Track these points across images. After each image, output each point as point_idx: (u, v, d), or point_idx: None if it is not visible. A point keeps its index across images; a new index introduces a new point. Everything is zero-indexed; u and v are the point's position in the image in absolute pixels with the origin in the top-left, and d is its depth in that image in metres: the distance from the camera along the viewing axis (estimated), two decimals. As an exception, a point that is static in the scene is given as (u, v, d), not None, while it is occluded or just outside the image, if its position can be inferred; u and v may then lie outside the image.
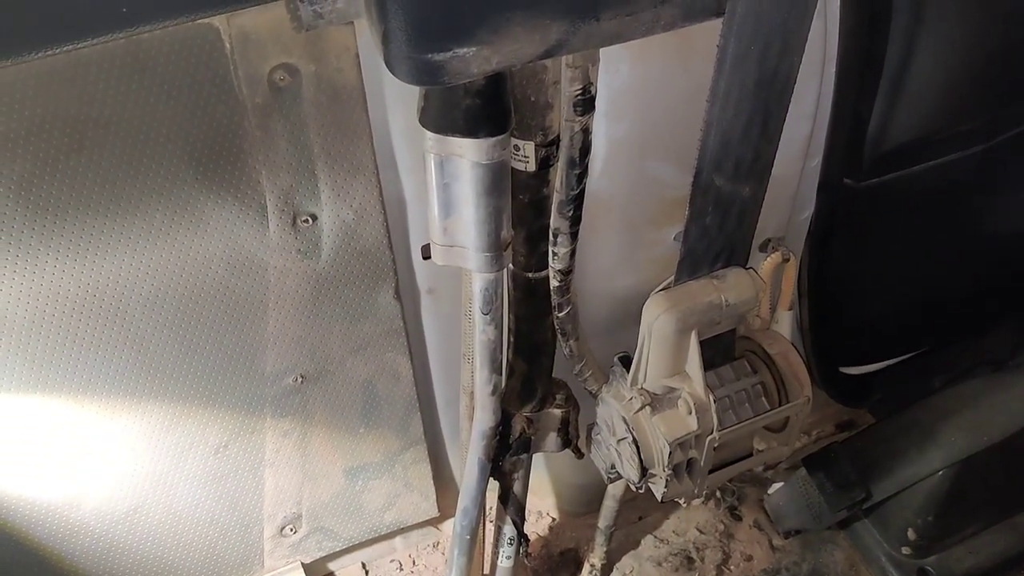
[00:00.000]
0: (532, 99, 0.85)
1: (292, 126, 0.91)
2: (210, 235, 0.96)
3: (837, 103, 1.07)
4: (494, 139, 0.80)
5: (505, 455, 1.22)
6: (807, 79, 1.02)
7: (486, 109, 0.76)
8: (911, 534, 1.47)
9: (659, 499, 1.18)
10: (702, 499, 1.62)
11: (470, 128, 0.77)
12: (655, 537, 1.60)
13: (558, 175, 0.91)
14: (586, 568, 1.55)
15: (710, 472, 1.22)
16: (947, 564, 1.50)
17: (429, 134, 0.82)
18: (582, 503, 1.60)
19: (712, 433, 1.11)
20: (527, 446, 1.22)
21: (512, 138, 0.88)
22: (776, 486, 1.62)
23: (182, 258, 0.97)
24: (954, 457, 1.39)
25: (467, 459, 1.21)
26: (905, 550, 1.49)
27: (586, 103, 0.83)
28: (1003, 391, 1.39)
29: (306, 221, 0.99)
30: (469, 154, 0.82)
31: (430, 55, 0.67)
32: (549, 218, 0.96)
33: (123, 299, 0.99)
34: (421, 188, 0.90)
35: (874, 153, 1.13)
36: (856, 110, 1.08)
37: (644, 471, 1.15)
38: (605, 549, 1.52)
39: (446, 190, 0.88)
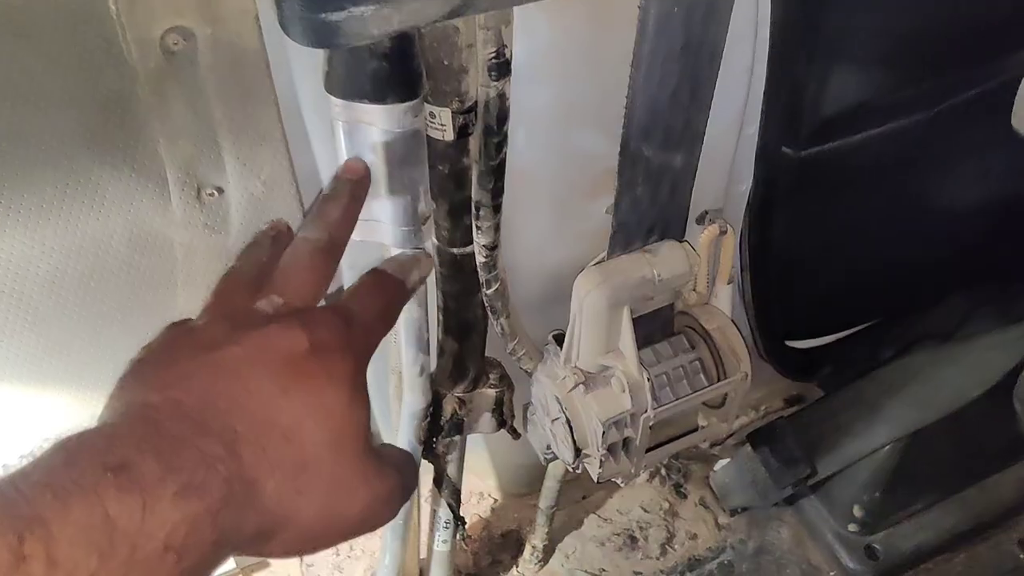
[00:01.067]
0: (445, 63, 0.80)
1: (189, 93, 0.84)
2: (108, 209, 0.90)
3: (772, 68, 1.02)
4: (405, 105, 0.75)
5: (437, 437, 1.18)
6: (739, 42, 0.97)
7: (394, 72, 0.71)
8: (857, 511, 1.46)
9: (595, 480, 1.15)
10: (641, 478, 1.61)
11: (378, 93, 0.72)
12: (598, 516, 1.57)
13: (476, 144, 0.86)
14: (528, 549, 1.51)
15: (649, 450, 1.19)
16: (894, 541, 1.48)
17: (336, 100, 0.77)
18: (524, 483, 1.57)
19: (647, 412, 1.08)
20: (460, 428, 1.18)
21: (427, 104, 0.82)
22: (722, 463, 1.60)
23: (79, 235, 0.91)
24: (900, 432, 1.37)
25: (397, 443, 1.17)
26: (852, 527, 1.48)
27: (501, 67, 0.78)
28: (949, 365, 1.37)
29: (211, 194, 0.93)
30: (379, 121, 0.77)
31: (324, 15, 0.61)
32: (471, 190, 0.91)
33: (19, 280, 0.93)
34: (334, 159, 0.85)
35: (813, 121, 1.09)
36: (793, 75, 1.04)
37: (578, 451, 1.12)
38: (547, 530, 1.48)
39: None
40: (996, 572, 1.48)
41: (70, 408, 1.08)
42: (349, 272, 1.12)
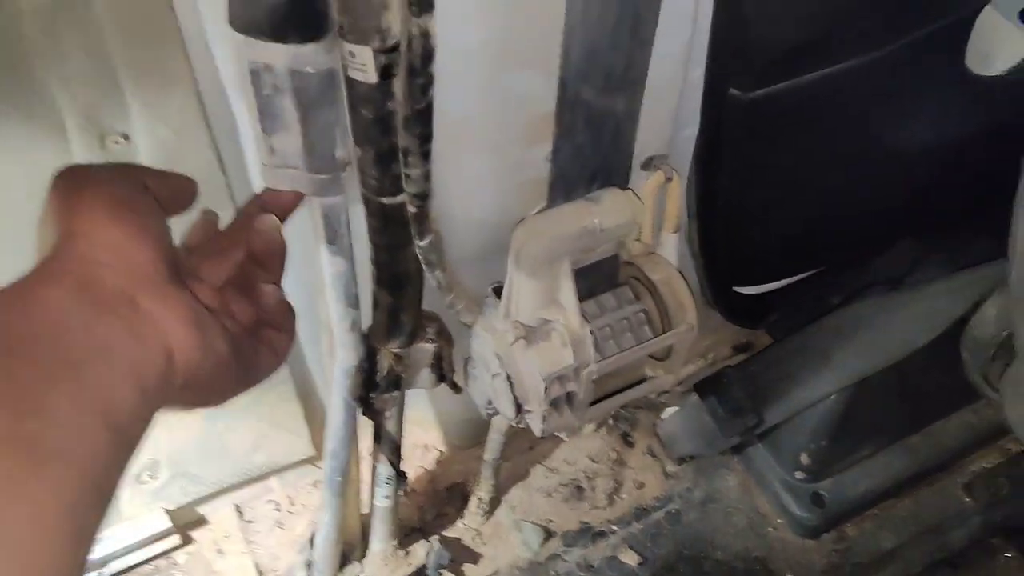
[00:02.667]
0: (363, -4, 0.73)
1: (84, 32, 0.77)
2: (2, 160, 0.83)
3: (718, 4, 0.97)
4: (312, 45, 0.69)
5: (374, 393, 1.14)
6: (682, -26, 0.92)
7: (293, 8, 0.65)
8: (804, 458, 1.44)
9: (537, 435, 1.11)
10: (589, 428, 1.59)
11: (277, 31, 0.66)
12: (545, 467, 1.55)
13: (401, 86, 0.79)
14: (473, 501, 1.48)
15: (594, 404, 1.16)
16: (841, 487, 1.48)
17: (241, 38, 0.71)
18: (470, 436, 1.53)
19: (589, 365, 1.04)
20: (397, 383, 1.13)
21: (346, 43, 0.76)
22: (670, 412, 1.58)
23: (-29, 187, 0.84)
24: (847, 379, 1.35)
25: (331, 400, 1.12)
26: (799, 474, 1.46)
27: (422, 1, 0.72)
28: (897, 311, 1.34)
29: (117, 141, 0.87)
30: (288, 61, 0.71)
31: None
32: (398, 136, 0.85)
33: (-90, 233, 0.86)
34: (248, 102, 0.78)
35: (762, 60, 1.04)
36: (740, 11, 0.98)
37: (520, 407, 1.08)
38: (492, 482, 1.45)
39: (268, 103, 0.76)
40: (941, 516, 1.48)
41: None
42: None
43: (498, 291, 1.07)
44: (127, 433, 0.49)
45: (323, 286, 0.97)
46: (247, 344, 0.67)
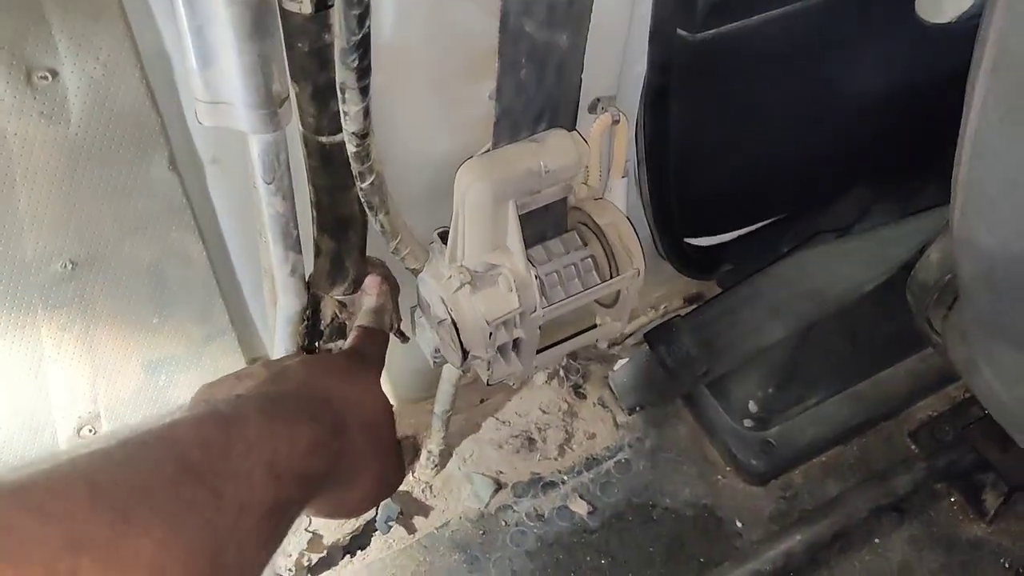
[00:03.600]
0: (295, -79, 0.71)
1: (1, -46, 0.74)
2: (-83, 96, 0.80)
3: (664, -61, 0.95)
4: (244, -31, 0.66)
5: (318, 342, 1.12)
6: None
7: (222, -71, 0.62)
8: (752, 406, 1.46)
9: (485, 382, 1.11)
10: (538, 380, 1.58)
11: (206, -47, 0.63)
12: (496, 419, 1.54)
13: (337, 17, 0.77)
14: (424, 455, 1.48)
15: (542, 351, 1.15)
16: (789, 435, 1.49)
17: (171, -36, 0.68)
18: (421, 388, 1.52)
19: (536, 311, 1.03)
20: (342, 331, 1.11)
21: (279, -29, 0.74)
22: (621, 362, 1.58)
23: None
24: (795, 327, 1.36)
25: (274, 349, 1.10)
26: (747, 422, 1.48)
27: (357, -75, 0.69)
28: (844, 258, 1.35)
29: (44, 77, 0.83)
30: (217, -12, 0.69)
31: None
32: (336, 71, 0.83)
33: None
34: (180, 36, 0.75)
35: (708, 0, 1.03)
36: (686, -52, 0.97)
37: (466, 354, 1.07)
38: (443, 435, 1.45)
39: (200, 34, 0.74)
40: (887, 462, 1.51)
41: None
42: (212, 167, 1.04)
43: (443, 236, 1.06)
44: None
45: (263, 230, 0.94)
46: None
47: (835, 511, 1.43)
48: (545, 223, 1.09)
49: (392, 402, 1.52)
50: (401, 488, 1.46)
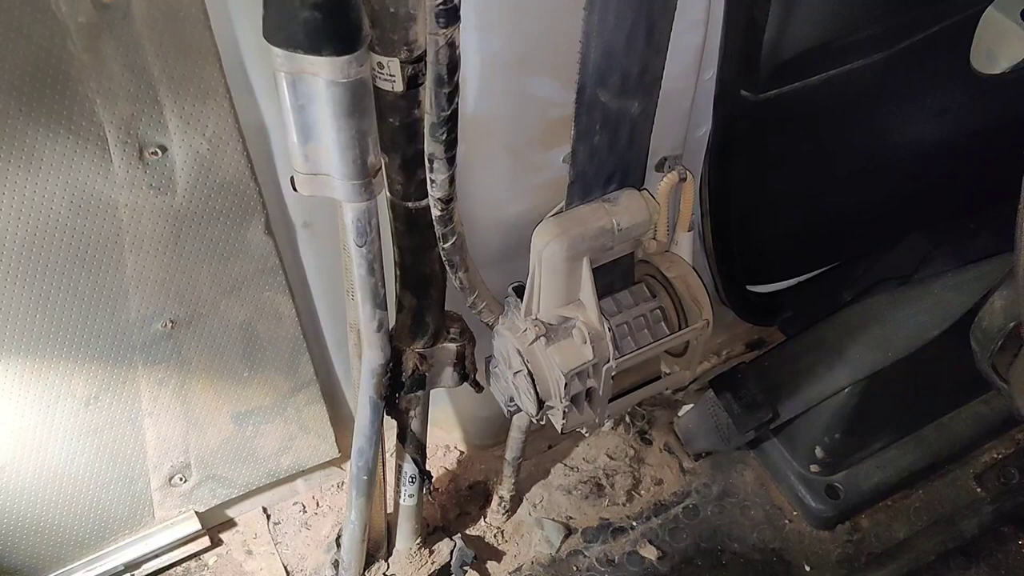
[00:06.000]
0: (392, 10, 0.77)
1: (125, 48, 0.81)
2: (45, 173, 0.87)
3: (729, 10, 1.01)
4: (345, 57, 0.72)
5: (399, 393, 1.17)
6: (696, -16, 0.95)
7: (328, 23, 0.68)
8: (819, 452, 1.47)
9: (559, 431, 1.15)
10: (606, 426, 1.62)
11: (313, 44, 0.69)
12: (564, 465, 1.58)
13: (427, 95, 0.83)
14: (495, 500, 1.52)
15: (612, 400, 1.19)
16: (855, 480, 1.50)
17: (277, 51, 0.74)
18: (489, 435, 1.56)
19: (609, 362, 1.08)
20: (422, 383, 1.16)
21: (374, 54, 0.79)
22: (686, 408, 1.61)
23: (17, 199, 0.88)
24: (860, 373, 1.38)
25: (358, 399, 1.16)
26: (814, 468, 1.49)
27: (449, 13, 0.75)
28: (907, 306, 1.37)
29: (155, 153, 0.90)
30: (322, 72, 0.75)
31: (258, -42, 0.58)
32: (424, 142, 0.89)
33: (-43, 246, 0.90)
34: (280, 112, 0.82)
35: (771, 63, 1.07)
36: (750, 17, 1.02)
37: (541, 403, 1.11)
38: (513, 480, 1.48)
39: (302, 112, 0.80)
40: (953, 507, 1.51)
41: (18, 376, 1.05)
42: (304, 231, 1.10)
43: (518, 291, 1.11)
44: None
45: (352, 288, 1.00)
46: None
47: (902, 555, 1.44)
48: (614, 276, 1.14)
49: (463, 448, 1.59)
50: (474, 533, 1.50)
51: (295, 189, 0.87)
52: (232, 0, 0.84)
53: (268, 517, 1.50)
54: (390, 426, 1.22)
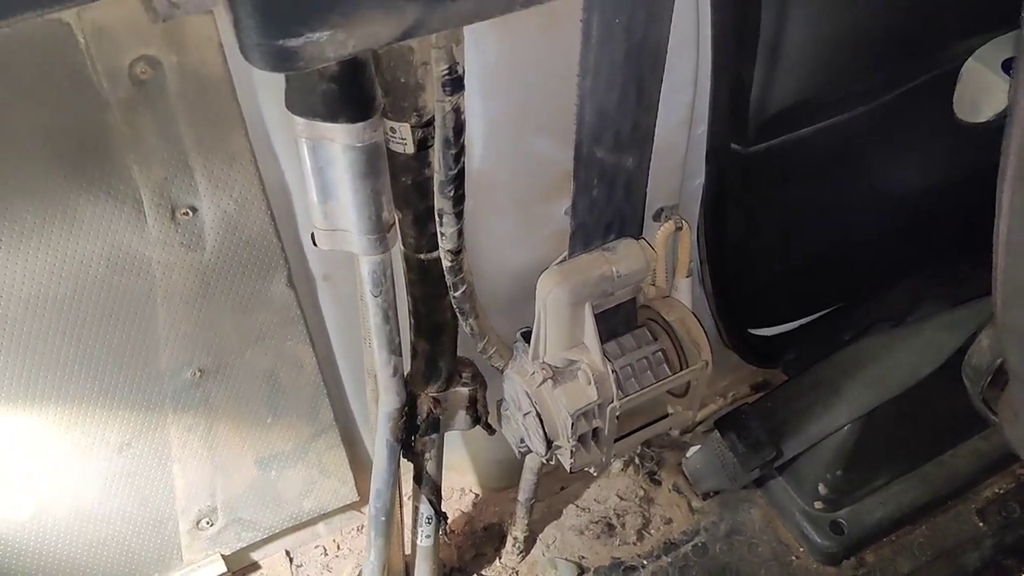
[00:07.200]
0: (402, 80, 0.84)
1: (160, 119, 0.89)
2: (86, 233, 0.94)
3: (716, 69, 1.08)
4: (361, 123, 0.80)
5: (415, 436, 1.22)
6: (682, 46, 1.02)
7: (344, 94, 0.76)
8: (822, 489, 1.51)
9: (568, 470, 1.20)
10: (614, 467, 1.66)
11: (330, 113, 0.77)
12: (576, 506, 1.62)
13: (436, 156, 0.90)
14: (509, 541, 1.56)
15: (619, 439, 1.24)
16: (858, 516, 1.54)
17: (298, 119, 0.81)
18: (503, 477, 1.61)
19: (613, 402, 1.13)
20: (436, 426, 1.22)
21: (387, 120, 0.87)
22: (693, 449, 1.65)
23: (59, 258, 0.95)
24: (859, 411, 1.43)
25: (375, 442, 1.21)
26: (818, 504, 1.53)
27: (454, 82, 0.82)
28: (902, 346, 1.42)
29: (186, 213, 0.98)
30: (339, 138, 0.82)
31: (282, 41, 0.65)
32: (434, 199, 0.96)
33: (2, 303, 0.97)
34: (302, 173, 0.89)
35: (759, 118, 1.14)
36: (736, 75, 1.09)
37: (550, 443, 1.16)
38: (527, 521, 1.53)
39: (321, 174, 0.87)
40: (956, 541, 1.54)
41: (56, 424, 1.12)
42: (323, 283, 1.17)
43: (526, 336, 1.17)
44: None
45: (368, 336, 1.06)
46: None
47: (909, 590, 1.47)
48: (616, 320, 1.20)
49: (477, 491, 1.64)
50: (490, 574, 1.54)
51: (315, 244, 0.94)
52: (256, 74, 0.92)
53: (291, 560, 1.55)
54: (407, 469, 1.28)
